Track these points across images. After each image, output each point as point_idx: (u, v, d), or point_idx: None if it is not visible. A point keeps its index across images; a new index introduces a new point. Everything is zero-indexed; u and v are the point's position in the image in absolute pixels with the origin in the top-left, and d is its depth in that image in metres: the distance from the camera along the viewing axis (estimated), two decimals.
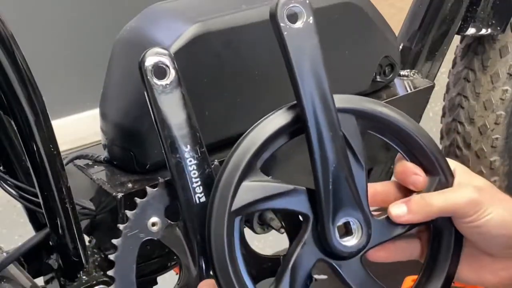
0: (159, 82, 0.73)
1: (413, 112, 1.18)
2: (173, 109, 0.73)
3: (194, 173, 0.74)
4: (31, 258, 0.92)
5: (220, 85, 0.94)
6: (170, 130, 0.73)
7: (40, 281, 0.92)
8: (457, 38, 1.37)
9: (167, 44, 0.88)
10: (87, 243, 0.92)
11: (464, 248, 0.75)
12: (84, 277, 0.88)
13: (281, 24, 0.68)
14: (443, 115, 1.51)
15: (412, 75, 1.25)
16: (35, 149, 0.80)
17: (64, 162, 0.87)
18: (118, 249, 0.76)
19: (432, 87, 1.23)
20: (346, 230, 0.72)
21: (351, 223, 0.72)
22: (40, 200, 0.84)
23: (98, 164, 0.95)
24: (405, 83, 1.21)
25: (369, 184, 0.74)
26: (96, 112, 0.95)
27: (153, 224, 0.76)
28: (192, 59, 0.90)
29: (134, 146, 0.91)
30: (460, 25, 1.30)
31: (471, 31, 1.32)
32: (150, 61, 0.73)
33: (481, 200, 0.70)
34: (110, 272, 0.75)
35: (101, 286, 0.89)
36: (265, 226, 0.89)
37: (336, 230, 0.71)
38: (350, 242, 0.72)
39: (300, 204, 0.72)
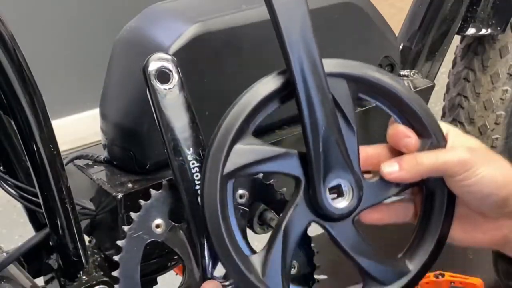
0: (162, 87, 0.74)
1: None
2: (176, 112, 0.75)
3: (197, 175, 0.75)
4: (31, 258, 0.92)
5: (220, 85, 0.94)
6: (173, 133, 0.75)
7: (40, 281, 0.92)
8: (457, 38, 1.37)
9: (167, 44, 0.88)
10: (87, 243, 0.92)
11: (457, 209, 0.75)
12: (84, 277, 0.88)
13: None
14: (443, 115, 1.51)
15: (412, 75, 1.25)
16: (35, 149, 0.80)
17: (64, 162, 0.87)
18: (123, 250, 0.76)
19: (432, 87, 1.23)
20: (338, 192, 0.73)
21: (342, 185, 0.73)
22: (40, 200, 0.84)
23: (98, 164, 0.95)
24: (405, 83, 1.21)
25: (361, 147, 0.74)
26: (96, 112, 0.95)
27: (157, 226, 0.77)
28: (192, 59, 0.90)
29: (134, 146, 0.91)
30: (460, 25, 1.30)
31: (471, 31, 1.32)
32: (153, 66, 0.74)
33: (472, 159, 0.71)
34: (115, 273, 0.76)
35: (101, 286, 0.88)
36: (265, 226, 0.89)
37: (327, 192, 0.72)
38: (341, 203, 0.73)
39: (292, 167, 0.73)
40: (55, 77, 2.23)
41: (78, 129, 2.24)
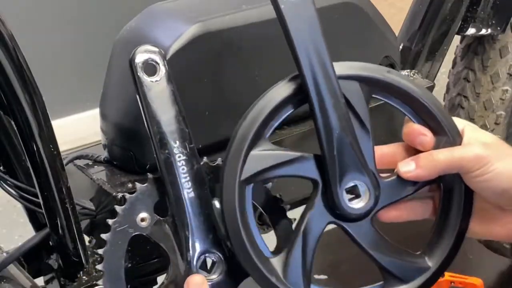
0: (149, 79, 0.74)
1: None
2: (162, 105, 0.75)
3: (183, 169, 0.75)
4: (31, 258, 0.92)
5: (220, 85, 0.94)
6: (159, 126, 0.74)
7: (40, 281, 0.92)
8: (457, 38, 1.37)
9: (167, 44, 0.88)
10: (87, 243, 0.92)
11: (475, 203, 0.76)
12: (84, 277, 0.88)
13: None
14: None
15: (412, 75, 1.25)
16: (35, 149, 0.80)
17: (64, 162, 0.87)
18: (107, 244, 0.76)
19: (432, 87, 1.23)
20: (355, 193, 0.74)
21: (358, 186, 0.74)
22: (40, 200, 0.84)
23: (98, 164, 0.95)
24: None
25: (376, 147, 0.75)
26: (96, 112, 0.95)
27: (142, 220, 0.76)
28: (192, 59, 0.90)
29: (134, 146, 0.91)
30: (460, 25, 1.30)
31: (471, 31, 1.32)
32: (140, 58, 0.74)
33: (488, 155, 0.72)
34: (99, 266, 0.76)
35: (101, 286, 0.88)
36: (265, 226, 0.89)
37: (344, 194, 0.73)
38: (358, 204, 0.74)
39: (308, 170, 0.74)
40: (55, 77, 2.23)
41: (78, 129, 2.24)
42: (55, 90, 2.07)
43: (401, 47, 1.27)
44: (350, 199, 0.74)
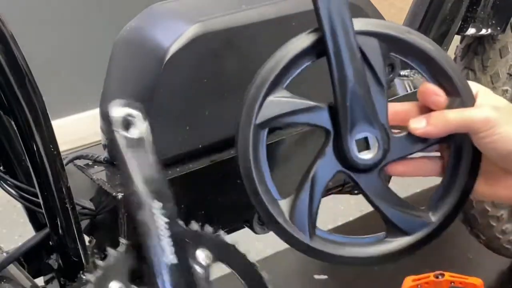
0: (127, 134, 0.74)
1: None
2: (141, 164, 0.75)
3: (164, 233, 0.74)
4: (31, 258, 0.92)
5: (220, 85, 0.94)
6: (138, 185, 0.74)
7: (40, 281, 0.92)
8: (457, 38, 1.37)
9: (167, 44, 0.88)
10: (87, 243, 0.92)
11: (482, 164, 0.78)
12: (84, 277, 0.88)
13: None
14: None
15: (412, 75, 1.25)
16: (35, 149, 0.80)
17: (64, 162, 0.87)
18: None
19: None
20: (367, 145, 0.77)
21: (369, 138, 0.77)
22: (40, 200, 0.84)
23: (98, 164, 0.95)
24: (405, 83, 1.21)
25: (390, 104, 0.78)
26: (96, 112, 0.95)
27: None
28: (192, 59, 0.90)
29: None
30: (460, 25, 1.30)
31: (471, 31, 1.32)
32: (118, 112, 0.75)
33: (497, 117, 0.74)
34: None
35: None
36: (265, 226, 0.90)
37: (354, 144, 0.76)
38: (367, 155, 0.77)
39: (321, 119, 0.77)
40: (55, 77, 2.23)
41: (78, 129, 2.23)
42: (55, 90, 2.06)
43: None
44: (361, 150, 0.76)
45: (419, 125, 0.76)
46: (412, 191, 1.91)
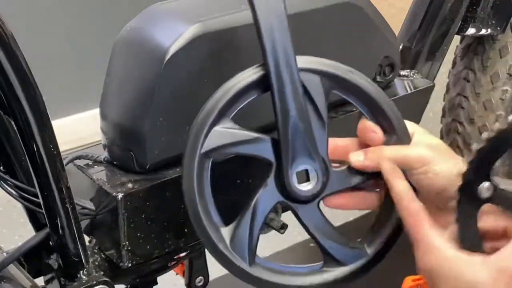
0: None
1: (413, 112, 1.18)
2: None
3: None
4: (31, 258, 0.92)
5: (220, 85, 0.94)
6: None
7: (40, 281, 0.92)
8: (457, 38, 1.37)
9: (167, 44, 0.88)
10: (87, 243, 0.92)
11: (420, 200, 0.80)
12: (84, 277, 0.88)
13: None
14: (443, 115, 1.51)
15: (412, 75, 1.25)
16: (35, 149, 0.80)
17: (64, 162, 0.87)
18: None
19: (432, 87, 1.23)
20: (307, 177, 0.80)
21: (309, 170, 0.80)
22: (40, 200, 0.84)
23: (98, 164, 0.95)
24: (405, 83, 1.21)
25: (331, 139, 0.82)
26: (96, 112, 0.95)
27: None
28: (192, 59, 0.90)
29: (134, 146, 0.91)
30: (460, 25, 1.30)
31: (471, 31, 1.32)
32: None
33: (432, 156, 0.78)
34: None
35: (101, 286, 0.89)
36: (265, 226, 0.89)
37: (294, 176, 0.80)
38: (307, 187, 0.81)
39: (264, 151, 0.81)
40: (55, 77, 2.23)
41: (78, 129, 2.23)
42: (55, 90, 2.06)
43: (401, 47, 1.27)
44: (301, 182, 0.80)
45: (357, 158, 0.80)
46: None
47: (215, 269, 0.81)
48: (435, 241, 0.72)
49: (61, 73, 2.30)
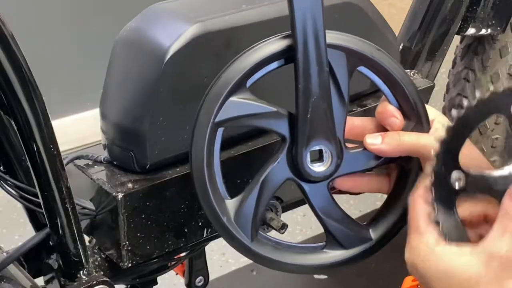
0: None
1: None
2: None
3: None
4: (31, 258, 0.92)
5: None
6: None
7: (40, 281, 0.92)
8: (457, 38, 1.37)
9: (167, 44, 0.88)
10: (87, 243, 0.92)
11: None
12: (84, 277, 0.88)
13: None
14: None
15: (412, 75, 1.25)
16: (35, 149, 0.80)
17: (64, 162, 0.87)
18: None
19: (432, 87, 1.23)
20: (320, 157, 0.78)
21: (323, 151, 0.78)
22: (40, 200, 0.84)
23: (98, 164, 0.95)
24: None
25: (348, 118, 0.80)
26: (96, 112, 0.95)
27: None
28: (192, 59, 0.90)
29: (134, 146, 0.91)
30: (460, 25, 1.30)
31: (471, 31, 1.32)
32: None
33: None
34: None
35: (101, 286, 0.89)
36: (265, 226, 0.90)
37: (308, 155, 0.78)
38: (319, 168, 0.79)
39: (280, 125, 0.78)
40: (55, 77, 2.23)
41: (78, 129, 2.24)
42: (55, 90, 2.07)
43: (401, 47, 1.27)
44: (314, 161, 0.78)
45: (374, 141, 0.78)
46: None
47: (215, 269, 0.80)
48: (424, 238, 0.70)
49: (61, 73, 2.30)
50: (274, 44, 0.76)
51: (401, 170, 0.81)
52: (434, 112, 0.81)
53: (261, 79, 0.79)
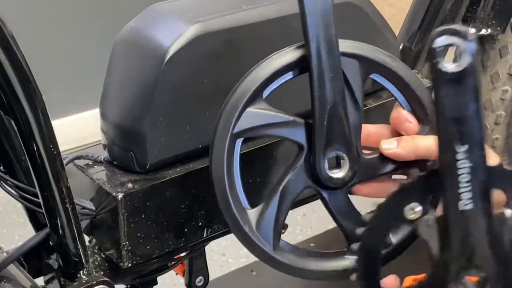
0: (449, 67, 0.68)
1: None
2: (459, 101, 0.68)
3: (465, 178, 0.70)
4: (31, 258, 0.92)
5: (220, 85, 0.94)
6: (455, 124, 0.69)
7: (40, 281, 0.92)
8: None
9: (167, 44, 0.88)
10: (87, 243, 0.92)
11: None
12: (84, 277, 0.88)
13: None
14: None
15: None
16: (35, 149, 0.80)
17: (64, 162, 0.87)
18: None
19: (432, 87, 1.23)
20: (337, 164, 0.79)
21: (341, 157, 0.79)
22: (40, 200, 0.84)
23: (98, 164, 0.95)
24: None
25: (364, 125, 0.81)
26: (96, 112, 0.95)
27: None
28: (192, 59, 0.90)
29: (134, 146, 0.91)
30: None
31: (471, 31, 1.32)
32: (441, 41, 0.68)
33: None
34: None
35: (101, 286, 0.89)
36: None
37: (325, 162, 0.78)
38: (337, 174, 0.79)
39: (297, 134, 0.79)
40: (55, 77, 2.23)
41: (78, 129, 2.24)
42: (55, 90, 2.07)
43: (401, 47, 1.27)
44: (332, 168, 0.79)
45: (390, 145, 0.79)
46: None
47: (215, 269, 0.80)
48: None
49: (61, 73, 2.30)
50: (289, 55, 0.78)
51: (417, 174, 0.81)
52: None
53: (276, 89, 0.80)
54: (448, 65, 0.68)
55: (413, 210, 0.73)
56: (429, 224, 0.73)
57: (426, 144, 0.77)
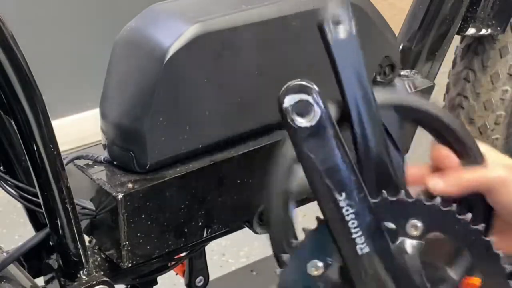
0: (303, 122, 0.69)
1: None
2: (323, 152, 0.70)
3: (353, 223, 0.71)
4: (31, 258, 0.92)
5: (220, 85, 0.94)
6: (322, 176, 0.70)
7: (40, 281, 0.92)
8: (457, 38, 1.37)
9: (167, 44, 0.88)
10: (87, 243, 0.92)
11: (495, 221, 0.80)
12: (84, 277, 0.88)
13: (328, 34, 0.74)
14: None
15: (412, 75, 1.25)
16: (35, 149, 0.80)
17: (64, 162, 0.87)
18: None
19: (432, 87, 1.23)
20: None
21: None
22: (40, 200, 0.84)
23: (98, 164, 0.95)
24: (405, 83, 1.21)
25: (406, 168, 0.80)
26: (96, 112, 0.95)
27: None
28: (192, 59, 0.90)
29: (134, 146, 0.91)
30: (460, 25, 1.30)
31: (471, 31, 1.32)
32: (289, 100, 0.68)
33: (510, 177, 0.77)
34: None
35: (101, 286, 0.89)
36: (266, 225, 0.89)
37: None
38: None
39: None
40: (55, 77, 2.23)
41: (78, 129, 2.24)
42: (55, 90, 2.07)
43: (401, 47, 1.27)
44: None
45: (436, 183, 0.78)
46: None
47: (215, 269, 0.80)
48: None
49: (61, 73, 2.30)
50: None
51: (465, 207, 0.80)
52: (483, 146, 0.82)
53: None
54: (303, 121, 0.69)
55: (316, 266, 0.72)
56: (333, 277, 0.73)
57: (472, 177, 0.78)
